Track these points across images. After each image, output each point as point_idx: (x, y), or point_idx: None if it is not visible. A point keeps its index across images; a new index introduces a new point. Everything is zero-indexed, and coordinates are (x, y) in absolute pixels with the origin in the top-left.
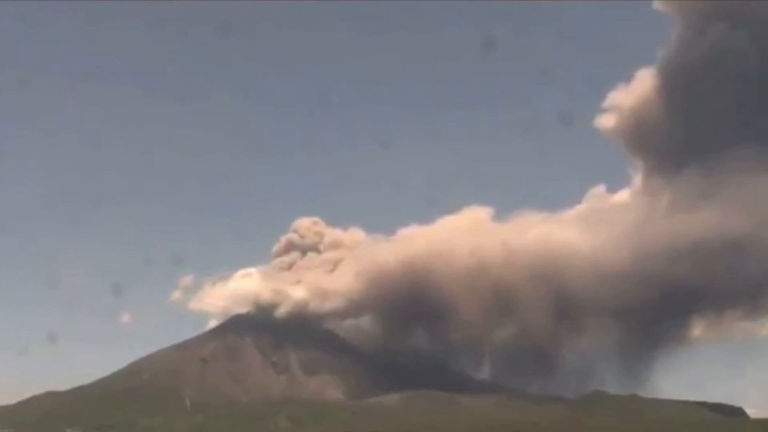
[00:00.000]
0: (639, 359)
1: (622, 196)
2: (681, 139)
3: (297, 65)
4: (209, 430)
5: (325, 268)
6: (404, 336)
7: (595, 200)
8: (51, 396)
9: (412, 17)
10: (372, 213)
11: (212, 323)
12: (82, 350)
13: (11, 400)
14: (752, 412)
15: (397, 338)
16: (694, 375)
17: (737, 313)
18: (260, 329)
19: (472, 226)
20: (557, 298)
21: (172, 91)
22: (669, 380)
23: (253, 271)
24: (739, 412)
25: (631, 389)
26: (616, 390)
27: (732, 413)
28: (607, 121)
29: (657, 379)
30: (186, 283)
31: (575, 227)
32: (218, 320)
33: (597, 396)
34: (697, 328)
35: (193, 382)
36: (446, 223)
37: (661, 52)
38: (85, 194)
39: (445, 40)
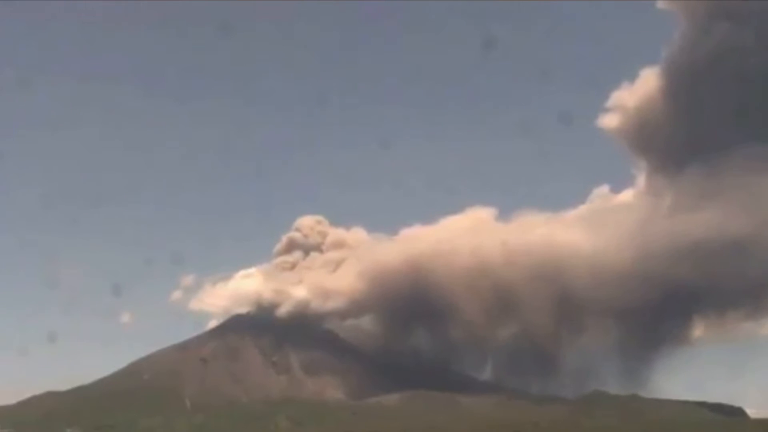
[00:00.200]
0: (640, 359)
1: (626, 196)
2: (684, 138)
3: (297, 65)
4: (209, 430)
5: (328, 268)
6: (405, 336)
7: (599, 200)
8: (51, 396)
9: (412, 17)
10: (374, 213)
11: (212, 323)
12: (82, 350)
13: (11, 400)
14: (752, 412)
15: (398, 338)
16: (694, 375)
17: (739, 314)
18: (260, 329)
19: (475, 226)
20: (558, 298)
21: (172, 91)
22: (669, 380)
23: (255, 270)
24: (739, 412)
25: (631, 389)
26: (617, 390)
27: (732, 413)
28: (610, 121)
29: (657, 380)
30: (186, 283)
31: (578, 227)
32: (218, 320)
33: (597, 396)
34: (698, 328)
35: (193, 382)
36: (449, 223)
37: (665, 51)
38: (85, 194)
39: (445, 40)
